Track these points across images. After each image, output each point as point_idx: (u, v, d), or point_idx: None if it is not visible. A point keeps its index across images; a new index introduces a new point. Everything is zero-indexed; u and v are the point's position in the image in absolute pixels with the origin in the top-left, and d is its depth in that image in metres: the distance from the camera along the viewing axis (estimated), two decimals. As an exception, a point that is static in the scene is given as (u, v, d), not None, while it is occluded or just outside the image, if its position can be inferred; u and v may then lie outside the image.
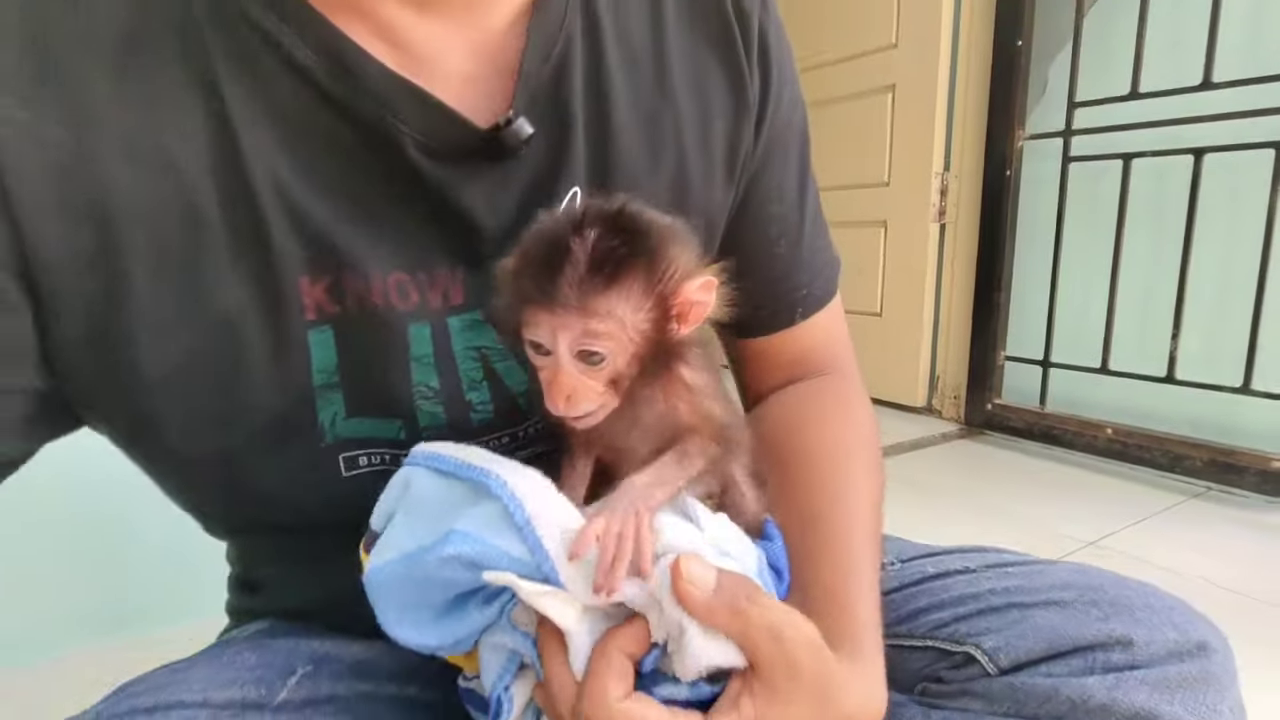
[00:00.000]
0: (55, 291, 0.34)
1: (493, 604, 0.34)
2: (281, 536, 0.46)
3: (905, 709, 0.44)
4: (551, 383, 0.33)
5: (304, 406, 0.39)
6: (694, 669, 0.32)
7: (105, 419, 0.39)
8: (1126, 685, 0.40)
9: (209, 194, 0.36)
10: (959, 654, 0.44)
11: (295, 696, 0.40)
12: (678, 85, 0.47)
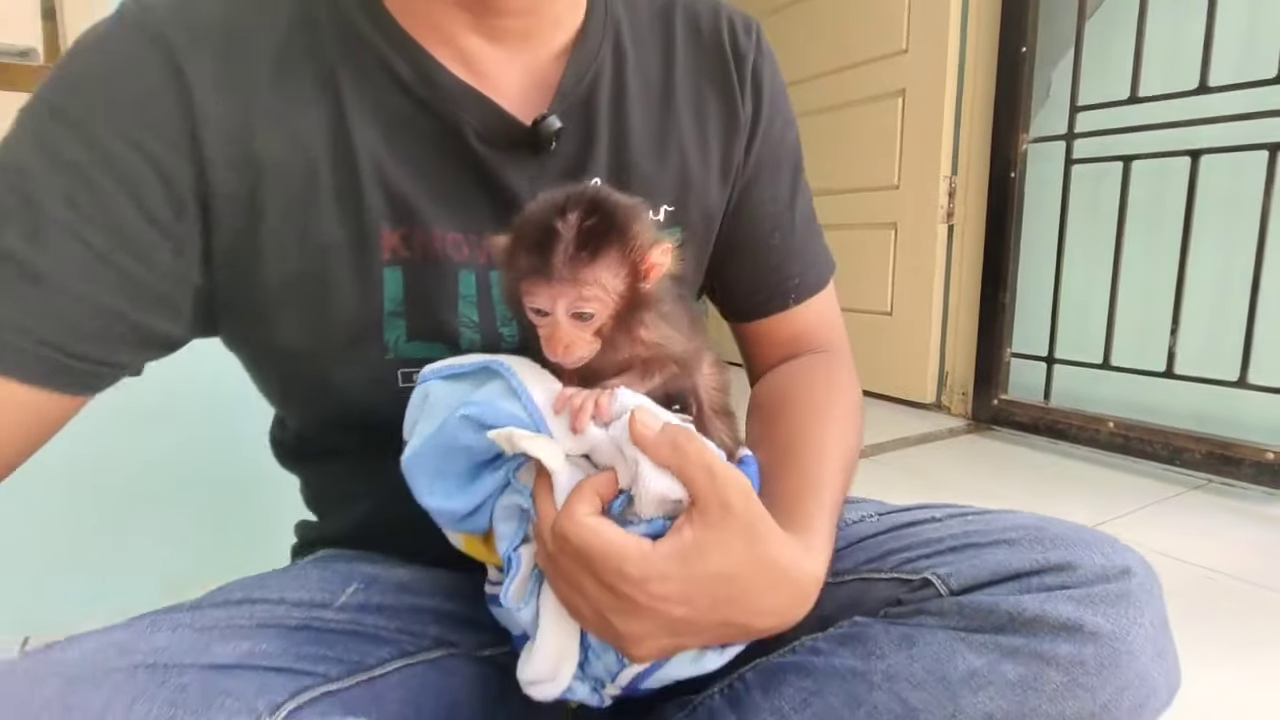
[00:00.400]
0: (217, 215, 0.47)
1: (501, 469, 0.43)
2: (343, 456, 0.55)
3: (870, 628, 0.50)
4: (551, 338, 0.42)
5: (375, 327, 0.50)
6: (649, 502, 0.41)
7: (235, 319, 0.50)
8: (1056, 600, 0.47)
9: (325, 162, 0.48)
10: (917, 580, 0.51)
11: (352, 601, 0.49)
12: (681, 108, 0.58)
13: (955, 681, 0.45)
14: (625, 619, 0.40)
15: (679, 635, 0.42)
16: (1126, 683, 0.45)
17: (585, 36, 0.54)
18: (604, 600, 0.40)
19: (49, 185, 0.42)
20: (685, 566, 0.40)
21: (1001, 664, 0.45)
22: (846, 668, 0.48)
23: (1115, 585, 0.48)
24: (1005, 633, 0.47)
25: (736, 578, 0.41)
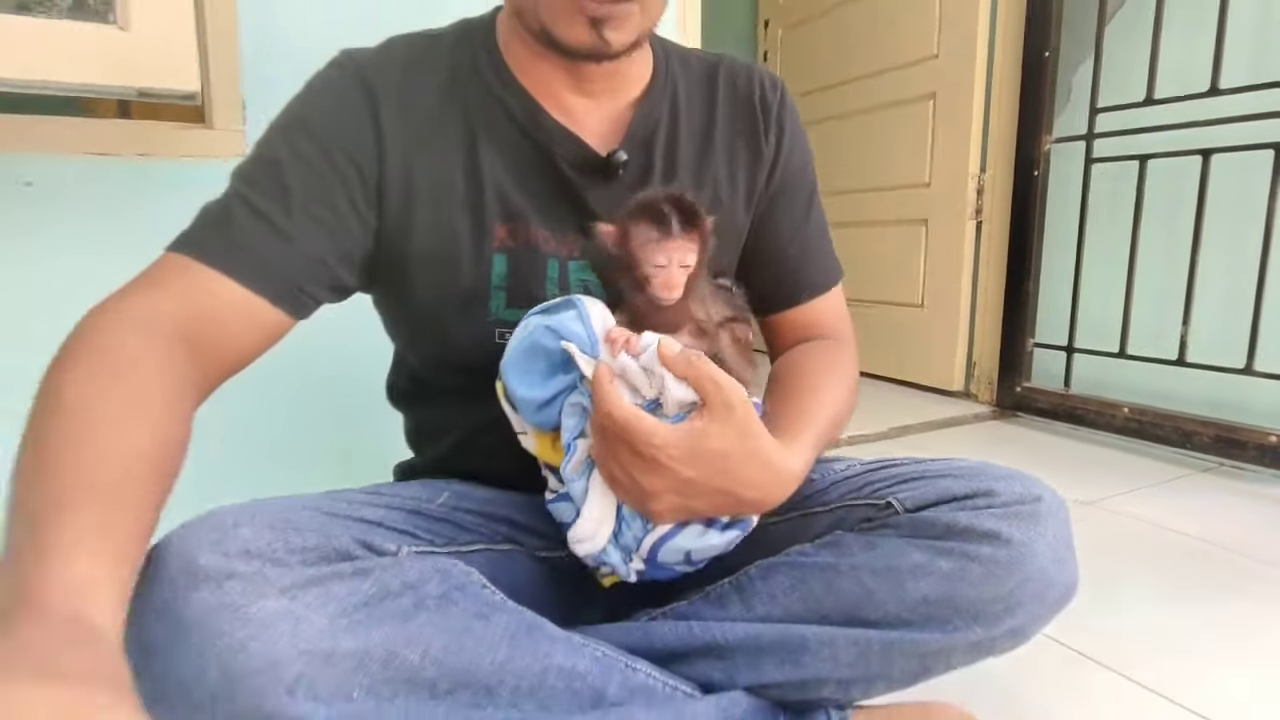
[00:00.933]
0: (387, 204, 0.66)
1: (571, 372, 0.61)
2: (445, 395, 0.73)
3: (844, 537, 0.66)
4: (666, 282, 0.61)
5: (483, 295, 0.68)
6: (671, 404, 0.58)
7: (386, 279, 0.69)
8: (982, 516, 0.62)
9: (460, 174, 0.67)
10: (882, 503, 0.67)
11: (446, 504, 0.67)
12: (718, 148, 0.76)
13: (903, 571, 0.61)
14: (649, 477, 0.57)
15: (686, 496, 0.58)
16: (1029, 576, 0.60)
17: (650, 92, 0.73)
18: (635, 464, 0.57)
19: (293, 173, 0.61)
20: (693, 441, 0.57)
21: (938, 560, 0.61)
22: (825, 563, 0.64)
23: (1028, 508, 0.63)
24: (943, 539, 0.62)
25: (730, 456, 0.57)
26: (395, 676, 0.48)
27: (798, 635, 0.62)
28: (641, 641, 0.64)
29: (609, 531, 0.64)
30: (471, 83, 0.68)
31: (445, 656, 0.50)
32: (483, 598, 0.56)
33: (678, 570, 0.68)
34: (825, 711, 0.64)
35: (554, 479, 0.69)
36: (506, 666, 0.52)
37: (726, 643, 0.63)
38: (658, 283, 0.62)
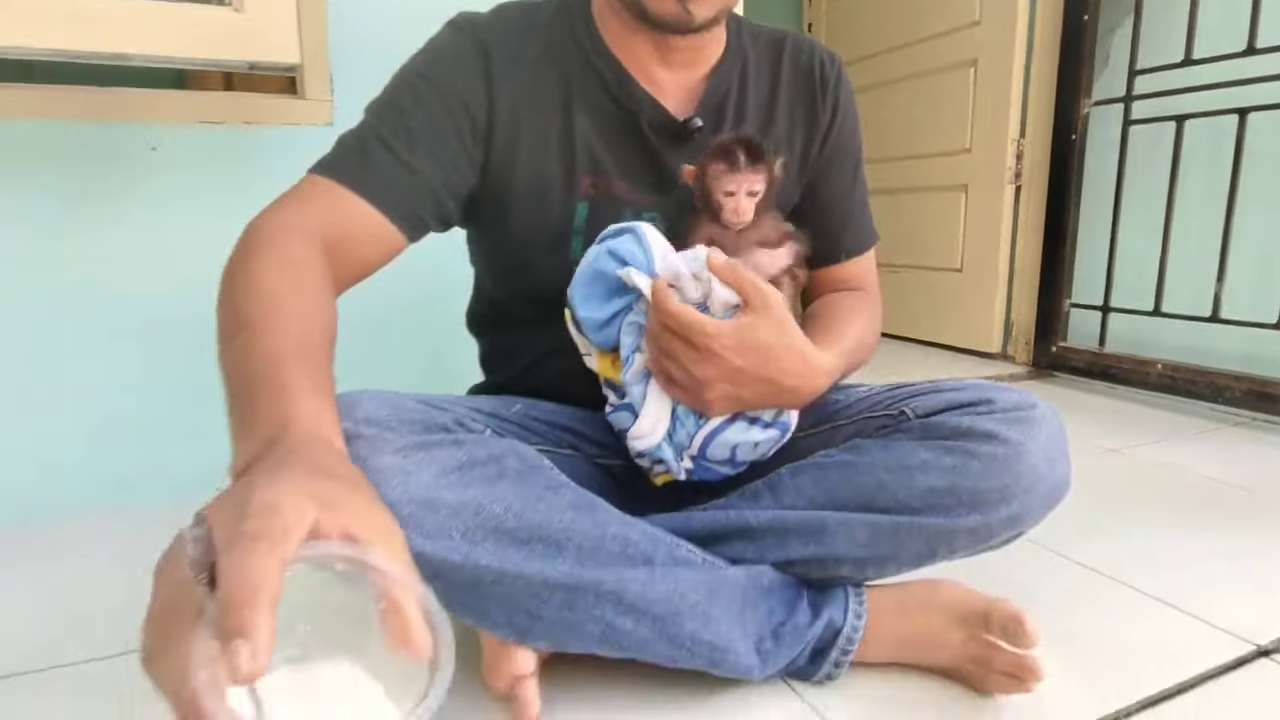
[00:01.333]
0: (492, 148, 0.76)
1: (628, 294, 0.72)
2: (520, 322, 0.85)
3: (862, 443, 0.76)
4: (734, 208, 0.73)
5: (566, 237, 0.79)
6: (717, 305, 0.69)
7: (484, 214, 0.79)
8: (983, 419, 0.71)
9: (555, 126, 0.78)
10: (896, 412, 0.77)
11: (517, 413, 0.78)
12: (780, 117, 0.86)
13: (912, 467, 0.71)
14: (703, 367, 0.67)
15: (736, 384, 0.68)
16: (1022, 472, 0.69)
17: (723, 64, 0.83)
18: (691, 357, 0.68)
19: (417, 116, 0.72)
20: (740, 333, 0.67)
21: (943, 457, 0.70)
22: (845, 461, 0.74)
23: (1024, 413, 0.72)
24: (948, 440, 0.72)
25: (772, 347, 0.68)
26: (484, 525, 0.60)
27: (819, 519, 0.72)
28: (683, 526, 0.74)
29: (664, 430, 0.75)
30: (569, 50, 0.79)
31: (523, 514, 0.62)
32: (551, 476, 0.68)
33: (722, 472, 0.79)
34: (844, 589, 0.75)
35: (613, 394, 0.80)
36: (571, 528, 0.64)
37: (757, 525, 0.74)
38: (728, 209, 0.73)
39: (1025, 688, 0.69)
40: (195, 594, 0.32)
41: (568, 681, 0.73)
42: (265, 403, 0.47)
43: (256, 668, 0.29)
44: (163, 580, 0.34)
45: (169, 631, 0.32)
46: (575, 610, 0.62)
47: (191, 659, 0.30)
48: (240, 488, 0.36)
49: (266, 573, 0.31)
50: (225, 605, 0.30)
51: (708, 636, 0.66)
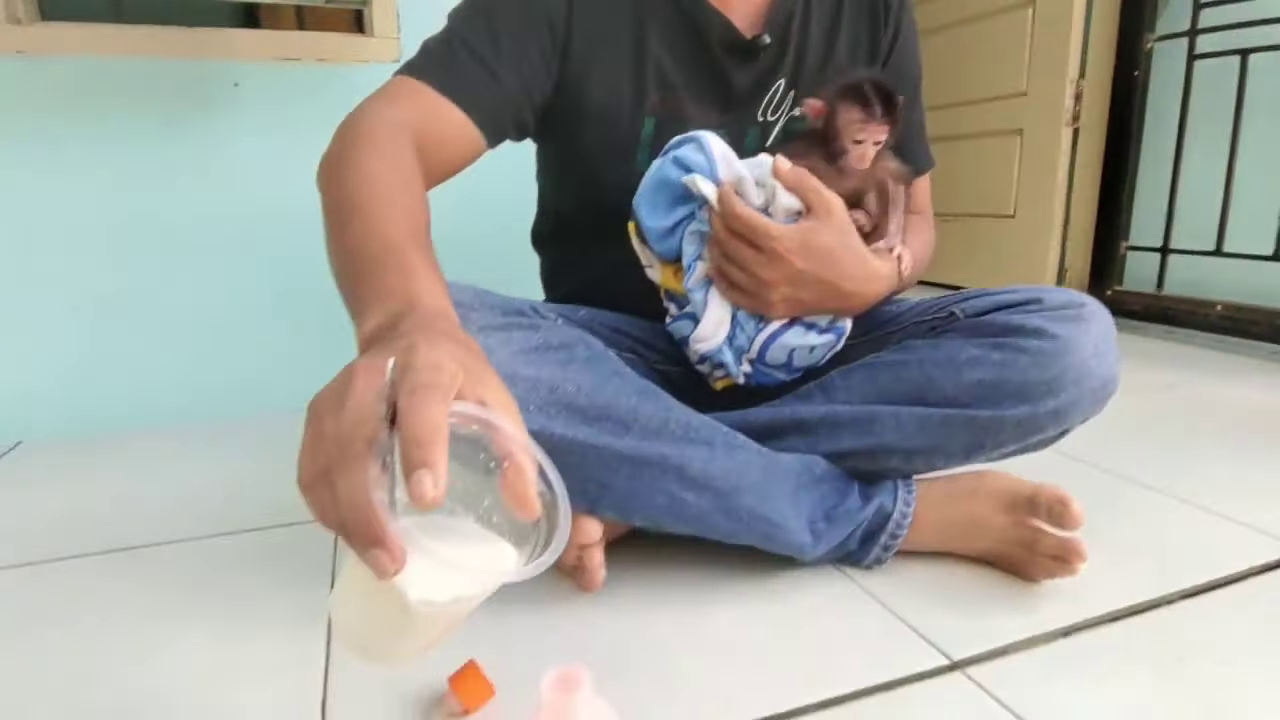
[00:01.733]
0: (568, 63, 0.79)
1: (691, 203, 0.76)
2: (584, 235, 0.89)
3: (911, 343, 0.79)
4: (860, 155, 0.74)
5: (633, 149, 0.82)
6: (780, 212, 0.72)
7: (557, 126, 0.82)
8: (1032, 316, 0.74)
9: (628, 47, 0.80)
10: (946, 313, 0.80)
11: (583, 318, 0.83)
12: (842, 38, 0.87)
13: (961, 363, 0.74)
14: (766, 269, 0.71)
15: (797, 286, 0.72)
16: (1070, 365, 0.71)
17: None
18: (755, 260, 0.71)
19: (500, 24, 0.74)
20: (803, 235, 0.71)
21: (991, 353, 0.73)
22: (895, 360, 0.78)
23: (1073, 311, 0.74)
24: (996, 336, 0.74)
25: (833, 250, 0.72)
26: (557, 401, 0.65)
27: (869, 412, 0.76)
28: (739, 422, 0.78)
29: (725, 333, 0.79)
30: None
31: (593, 394, 0.67)
32: (618, 366, 0.72)
33: (777, 377, 0.82)
34: (893, 483, 0.78)
35: (674, 306, 0.84)
36: (637, 410, 0.68)
37: (810, 419, 0.77)
38: (854, 155, 0.75)
39: (1069, 570, 0.72)
40: (371, 427, 0.35)
41: (628, 563, 0.78)
42: (390, 279, 0.50)
43: (438, 496, 0.33)
44: (324, 412, 0.37)
45: (338, 457, 0.35)
46: (641, 481, 0.67)
47: (370, 482, 0.34)
48: (402, 346, 0.39)
49: (442, 419, 0.35)
50: (412, 441, 0.34)
51: (764, 511, 0.70)
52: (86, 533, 0.92)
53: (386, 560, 0.34)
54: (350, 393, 0.37)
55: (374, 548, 0.34)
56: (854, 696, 0.59)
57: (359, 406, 0.36)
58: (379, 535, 0.34)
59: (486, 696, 0.57)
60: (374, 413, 0.36)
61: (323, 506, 0.36)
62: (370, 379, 0.37)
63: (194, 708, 0.59)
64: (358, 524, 0.34)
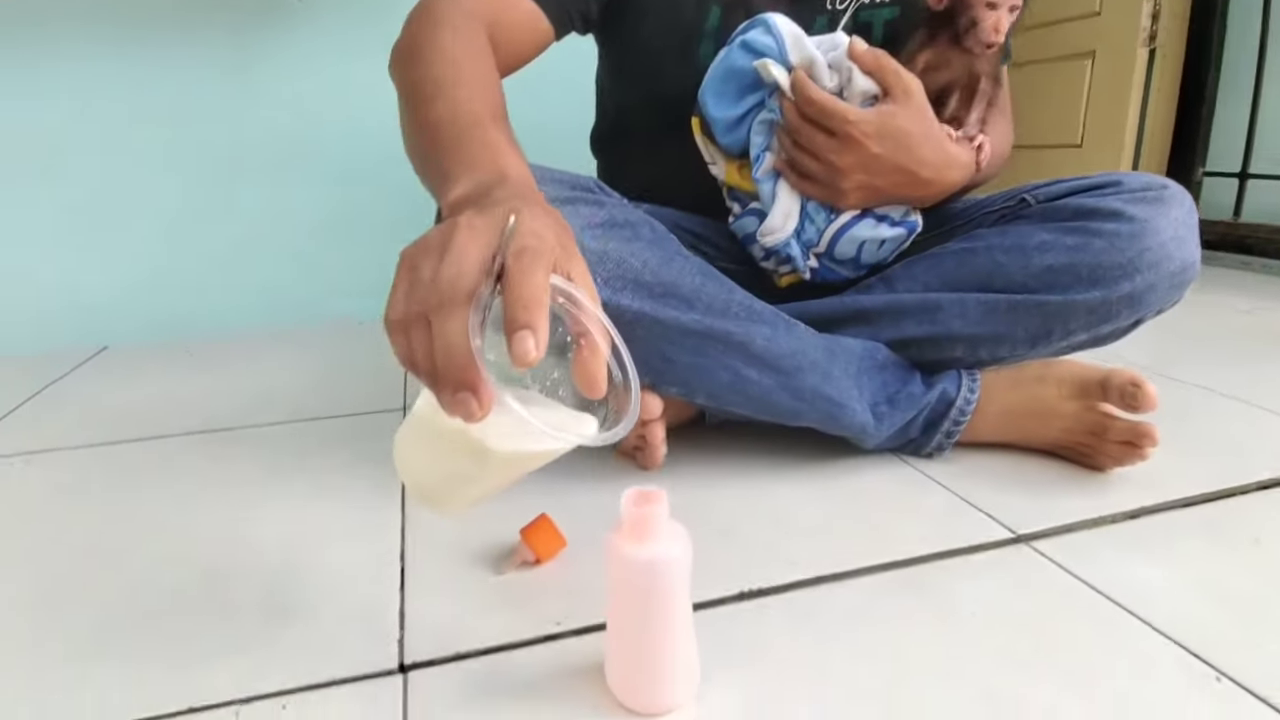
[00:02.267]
0: None
1: (760, 90, 0.75)
2: (642, 134, 0.88)
3: (979, 231, 0.77)
4: (994, 24, 0.70)
5: (696, 41, 0.80)
6: (856, 95, 0.71)
7: (619, 20, 0.81)
8: (1109, 199, 0.72)
9: None
10: (1016, 200, 0.78)
11: (645, 212, 0.83)
12: None
13: (1030, 248, 0.72)
14: (841, 155, 0.70)
15: (872, 173, 0.71)
16: (1147, 247, 0.69)
17: None
18: (830, 145, 0.70)
19: None
20: (881, 119, 0.69)
21: (1064, 237, 0.71)
22: (961, 248, 0.76)
23: (1153, 193, 0.72)
24: (1070, 220, 0.72)
25: (911, 134, 0.70)
26: (624, 275, 0.66)
27: (934, 299, 0.75)
28: (799, 311, 0.77)
29: (793, 225, 0.78)
30: None
31: (658, 270, 0.67)
32: (680, 247, 0.72)
33: (844, 274, 0.82)
34: (957, 371, 0.77)
35: (737, 204, 0.83)
36: (701, 290, 0.68)
37: (872, 308, 0.77)
38: (987, 25, 0.70)
39: (1140, 456, 0.70)
40: (474, 279, 0.36)
41: (687, 449, 0.80)
42: (477, 151, 0.51)
43: (538, 358, 0.34)
44: (421, 260, 0.38)
45: (437, 302, 0.36)
46: (705, 356, 0.68)
47: (471, 330, 0.34)
48: (505, 210, 0.40)
49: (547, 285, 0.36)
50: (519, 302, 0.35)
51: (827, 391, 0.70)
52: (174, 418, 0.97)
53: (475, 405, 0.35)
54: (453, 244, 0.37)
55: (464, 390, 0.35)
56: (914, 561, 0.60)
57: (464, 258, 0.37)
58: (473, 379, 0.35)
59: (558, 547, 0.59)
60: (478, 265, 0.37)
61: (412, 347, 0.37)
62: (474, 235, 0.38)
63: (281, 564, 0.62)
64: (452, 367, 0.35)
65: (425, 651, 0.50)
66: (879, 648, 0.50)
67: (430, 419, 0.41)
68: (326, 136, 1.33)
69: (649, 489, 0.41)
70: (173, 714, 0.46)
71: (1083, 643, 0.50)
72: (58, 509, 0.74)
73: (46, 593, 0.59)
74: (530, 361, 0.34)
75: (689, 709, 0.44)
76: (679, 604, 0.42)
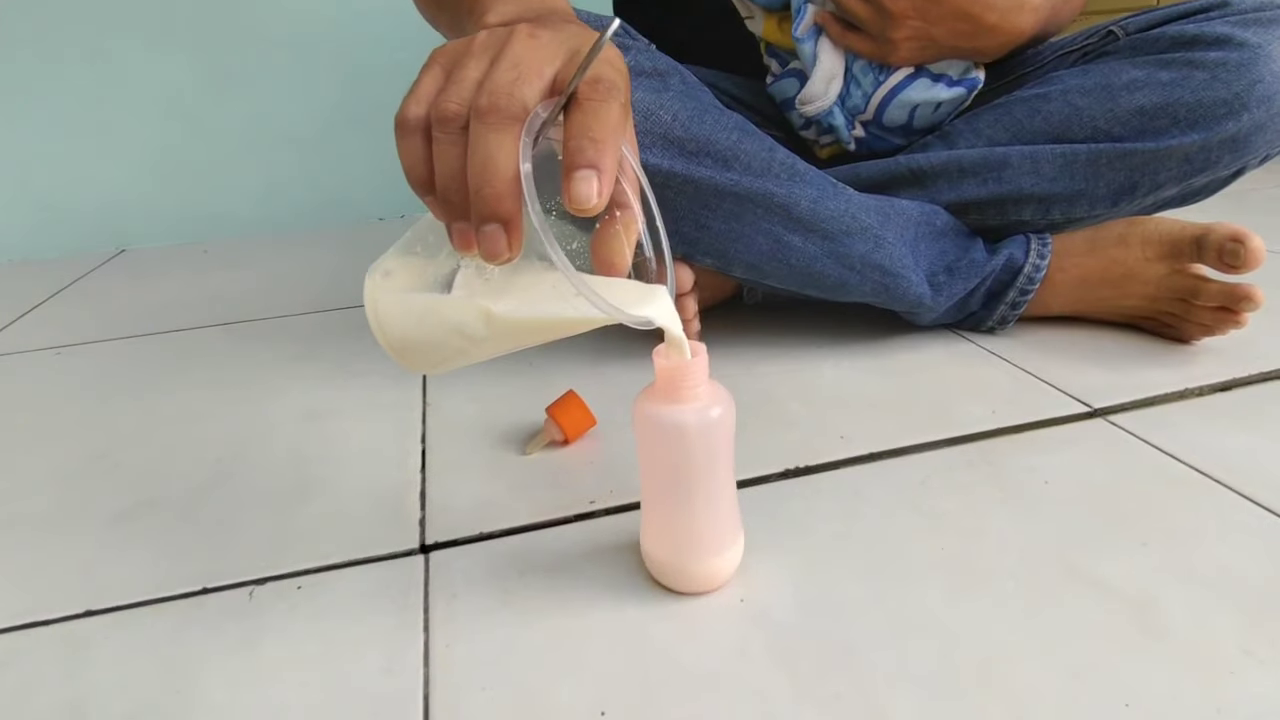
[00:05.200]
0: None
1: None
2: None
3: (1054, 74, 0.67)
4: None
5: None
6: None
7: None
8: (1214, 23, 0.61)
9: None
10: (1102, 33, 0.68)
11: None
12: None
13: (1117, 88, 0.63)
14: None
15: (929, 19, 0.62)
16: (1259, 78, 0.59)
17: None
18: None
19: None
20: None
21: (1158, 72, 0.62)
22: (1033, 94, 0.67)
23: (1266, 14, 0.61)
24: (1166, 52, 0.63)
25: None
26: (654, 129, 0.59)
27: (1000, 154, 0.66)
28: (849, 175, 0.70)
29: (837, 90, 0.69)
30: None
31: (690, 124, 0.60)
32: (713, 99, 0.64)
33: (894, 141, 0.73)
34: (1024, 235, 0.69)
35: (776, 63, 0.74)
36: (739, 147, 0.61)
37: (929, 168, 0.68)
38: None
39: (1237, 321, 0.63)
40: (535, 90, 0.29)
41: (723, 325, 0.74)
42: None
43: (600, 204, 0.28)
44: (464, 58, 0.31)
45: (487, 107, 0.28)
46: (743, 222, 0.61)
47: (523, 150, 0.28)
48: (571, 31, 0.33)
49: (621, 124, 0.30)
50: (588, 137, 0.29)
51: (879, 259, 0.63)
52: (194, 312, 0.95)
53: (504, 242, 0.29)
54: (511, 49, 0.30)
55: (495, 222, 0.28)
56: (981, 436, 0.55)
57: (526, 65, 0.30)
58: (511, 210, 0.28)
59: (587, 425, 0.55)
60: (543, 78, 0.30)
61: (432, 155, 0.30)
62: (538, 46, 0.31)
63: (299, 445, 0.60)
64: (489, 189, 0.28)
65: (447, 531, 0.47)
66: (942, 523, 0.45)
67: (421, 267, 0.35)
68: (350, 35, 1.28)
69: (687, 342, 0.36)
70: (185, 594, 0.43)
71: (1173, 514, 0.45)
72: (88, 397, 0.72)
73: (72, 474, 0.57)
74: (591, 209, 0.28)
75: (731, 588, 0.40)
76: (720, 471, 0.38)
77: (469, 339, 0.34)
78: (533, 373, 0.68)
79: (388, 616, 0.40)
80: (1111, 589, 0.39)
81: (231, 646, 0.39)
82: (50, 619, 0.42)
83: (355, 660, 0.37)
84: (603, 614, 0.39)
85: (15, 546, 0.49)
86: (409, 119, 0.30)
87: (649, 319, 0.33)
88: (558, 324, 0.33)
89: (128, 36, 1.21)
